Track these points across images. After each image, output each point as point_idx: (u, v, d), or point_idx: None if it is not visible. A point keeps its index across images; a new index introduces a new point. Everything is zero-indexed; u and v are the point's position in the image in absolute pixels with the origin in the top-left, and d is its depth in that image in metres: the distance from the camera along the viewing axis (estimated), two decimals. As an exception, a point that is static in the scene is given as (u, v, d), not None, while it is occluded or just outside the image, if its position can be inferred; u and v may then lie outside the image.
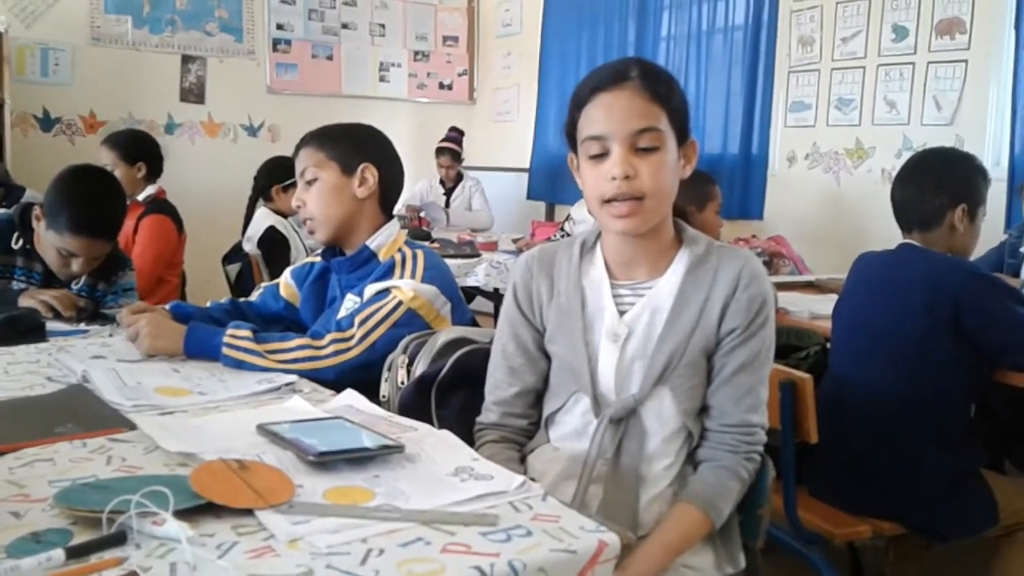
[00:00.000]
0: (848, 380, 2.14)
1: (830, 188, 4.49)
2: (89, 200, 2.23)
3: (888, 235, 2.26)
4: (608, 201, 1.32)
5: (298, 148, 1.92)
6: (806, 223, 4.52)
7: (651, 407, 1.37)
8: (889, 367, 2.06)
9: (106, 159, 3.44)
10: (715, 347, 1.37)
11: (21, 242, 2.34)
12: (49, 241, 2.23)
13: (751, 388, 1.37)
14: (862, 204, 4.27)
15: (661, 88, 1.33)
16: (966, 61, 3.88)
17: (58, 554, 0.84)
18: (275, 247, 3.78)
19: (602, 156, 1.33)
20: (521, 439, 1.49)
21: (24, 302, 2.12)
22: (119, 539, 0.89)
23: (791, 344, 2.34)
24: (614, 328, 1.38)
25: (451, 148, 5.78)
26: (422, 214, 5.52)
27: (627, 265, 1.41)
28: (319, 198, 1.87)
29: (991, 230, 2.34)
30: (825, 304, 2.62)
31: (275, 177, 3.91)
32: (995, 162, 3.72)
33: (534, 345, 1.47)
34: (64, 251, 2.22)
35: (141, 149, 3.51)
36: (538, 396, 1.49)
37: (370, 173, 1.87)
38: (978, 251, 2.33)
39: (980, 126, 3.84)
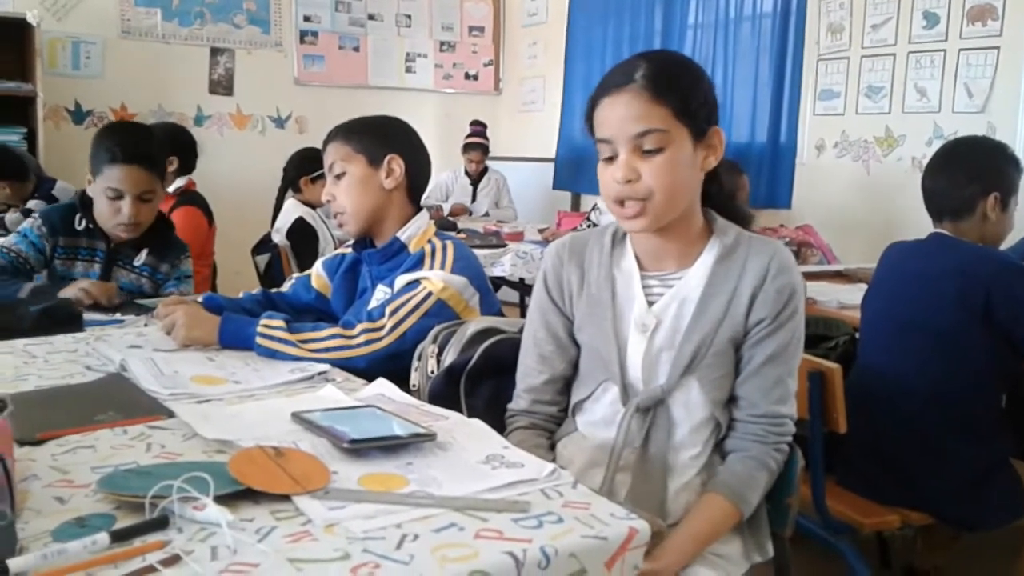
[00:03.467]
0: (877, 370, 2.13)
1: (859, 177, 4.45)
2: (124, 132, 2.39)
3: (919, 224, 2.25)
4: (616, 201, 1.34)
5: (325, 143, 1.94)
6: (835, 212, 4.48)
7: (679, 397, 1.37)
8: (919, 357, 2.05)
9: None
10: (743, 338, 1.37)
11: (84, 223, 2.40)
12: (98, 191, 2.31)
13: (780, 379, 1.37)
14: (892, 193, 4.23)
15: (665, 87, 1.30)
16: (998, 48, 3.83)
17: (103, 538, 0.87)
18: (304, 238, 3.81)
19: (612, 158, 1.34)
20: (551, 426, 1.51)
21: (63, 294, 2.17)
22: (162, 523, 0.92)
23: (820, 334, 2.33)
24: (642, 318, 1.39)
25: (481, 143, 5.80)
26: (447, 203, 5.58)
27: (656, 257, 1.42)
28: (348, 191, 1.89)
29: (1023, 219, 2.31)
30: (854, 294, 2.61)
31: (304, 168, 3.94)
32: (1027, 150, 3.67)
33: (564, 332, 1.48)
34: (111, 191, 2.29)
35: (176, 144, 3.54)
36: (568, 383, 1.50)
37: (397, 164, 1.89)
38: (1009, 240, 2.31)
39: (1012, 113, 3.79)
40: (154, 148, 2.41)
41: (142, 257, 2.43)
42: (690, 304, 1.38)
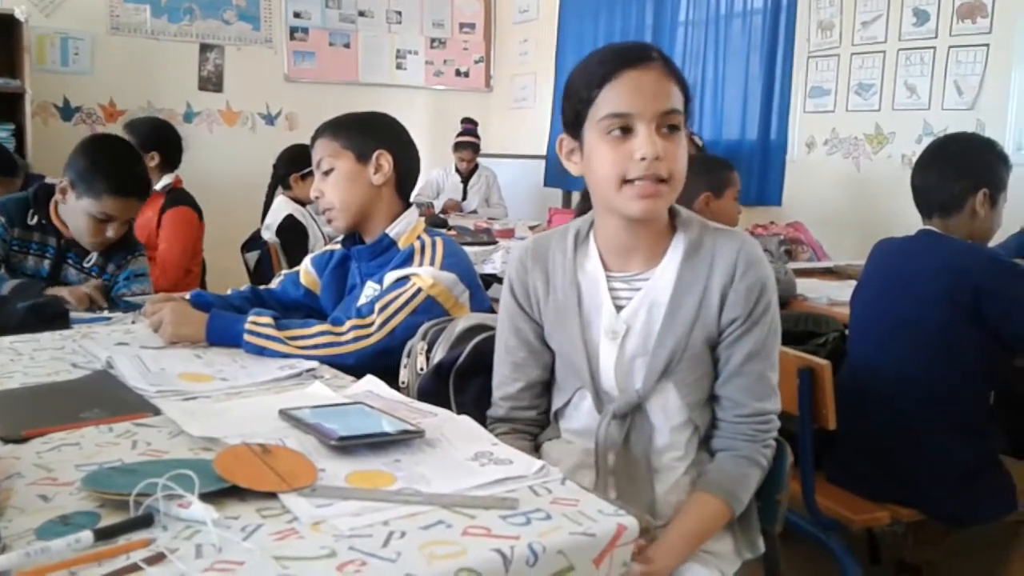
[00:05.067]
0: (867, 366, 2.13)
1: (850, 174, 4.46)
2: (123, 162, 2.35)
3: (908, 221, 2.25)
4: (629, 181, 1.28)
5: (313, 139, 1.94)
6: (825, 209, 4.49)
7: (656, 401, 1.36)
8: (908, 353, 2.06)
9: None
10: (718, 338, 1.35)
11: (36, 218, 2.40)
12: (83, 209, 2.29)
13: (761, 376, 1.35)
14: (882, 190, 4.24)
15: (679, 72, 1.32)
16: (988, 45, 3.84)
17: (87, 536, 0.86)
18: (293, 235, 3.79)
19: (624, 135, 1.28)
20: (533, 429, 1.49)
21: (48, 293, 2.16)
22: (146, 521, 0.91)
23: (809, 330, 2.33)
24: (612, 325, 1.36)
25: (472, 142, 5.80)
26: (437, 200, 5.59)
27: (622, 255, 1.38)
28: (336, 187, 1.88)
29: (1011, 216, 2.32)
30: (844, 290, 2.61)
31: (294, 165, 3.92)
32: (1017, 147, 3.68)
33: (536, 338, 1.45)
34: (102, 215, 2.29)
35: (158, 138, 3.48)
36: (545, 386, 1.48)
37: (385, 160, 1.88)
38: (998, 237, 2.32)
39: (1001, 111, 3.80)
40: (147, 175, 2.44)
41: (92, 258, 2.42)
42: (660, 307, 1.34)
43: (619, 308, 1.37)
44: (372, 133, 1.90)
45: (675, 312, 1.34)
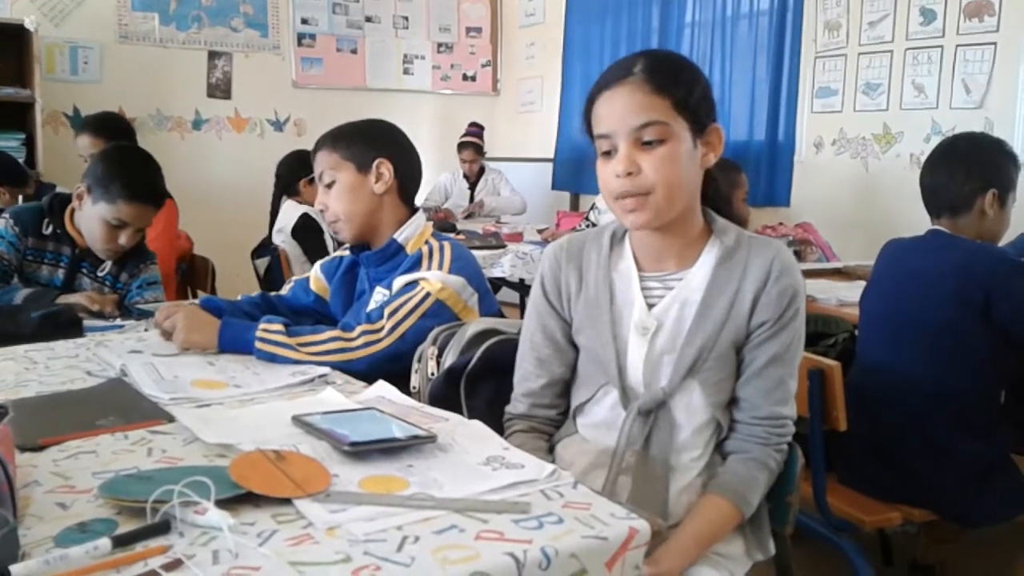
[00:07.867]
0: (877, 367, 2.13)
1: (858, 174, 4.46)
2: (140, 170, 2.38)
3: (917, 221, 2.25)
4: (617, 198, 1.33)
5: (313, 152, 1.95)
6: (833, 209, 4.49)
7: (680, 399, 1.37)
8: (918, 354, 2.06)
9: (88, 147, 3.38)
10: (745, 340, 1.36)
11: (51, 227, 2.42)
12: (98, 215, 2.31)
13: (781, 381, 1.36)
14: (890, 190, 4.24)
15: (666, 79, 1.30)
16: (995, 44, 3.84)
17: (104, 543, 0.87)
18: (311, 233, 3.80)
19: (610, 153, 1.33)
20: (549, 429, 1.50)
21: (63, 301, 2.18)
22: (163, 528, 0.92)
23: (819, 331, 2.33)
24: (643, 321, 1.38)
25: (473, 142, 5.80)
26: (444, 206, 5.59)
27: (655, 257, 1.41)
28: (339, 199, 1.89)
29: (1021, 214, 2.31)
30: (853, 291, 2.61)
31: (301, 171, 3.93)
32: (1025, 146, 3.67)
33: (562, 336, 1.47)
34: (116, 221, 2.31)
35: (116, 133, 3.43)
36: (566, 386, 1.49)
37: (385, 168, 1.89)
38: (1007, 236, 2.31)
39: (1010, 109, 3.79)
40: (163, 184, 2.45)
41: (106, 267, 2.44)
42: (692, 306, 1.37)
43: (651, 306, 1.39)
44: (371, 142, 1.91)
45: (706, 312, 1.36)
